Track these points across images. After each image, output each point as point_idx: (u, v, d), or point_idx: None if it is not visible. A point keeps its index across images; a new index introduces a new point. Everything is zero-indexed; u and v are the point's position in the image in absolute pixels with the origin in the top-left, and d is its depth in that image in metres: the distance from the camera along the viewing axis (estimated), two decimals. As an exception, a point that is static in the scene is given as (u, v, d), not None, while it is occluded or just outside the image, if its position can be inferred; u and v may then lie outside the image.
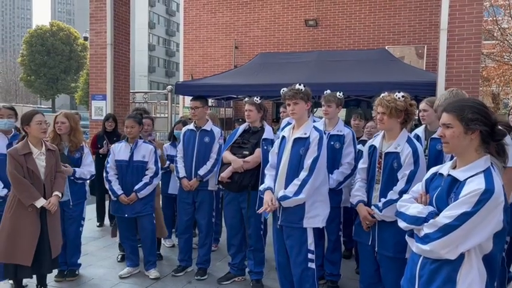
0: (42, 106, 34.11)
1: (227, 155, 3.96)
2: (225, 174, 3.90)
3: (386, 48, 10.45)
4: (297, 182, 3.10)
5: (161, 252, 4.92)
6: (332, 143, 3.88)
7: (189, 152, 4.24)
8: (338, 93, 3.97)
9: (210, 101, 11.05)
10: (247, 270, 4.17)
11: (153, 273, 4.29)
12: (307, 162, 3.11)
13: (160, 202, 4.95)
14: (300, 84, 3.21)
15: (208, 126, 4.27)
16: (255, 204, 3.77)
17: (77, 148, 4.02)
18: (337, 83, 7.42)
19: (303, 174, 3.11)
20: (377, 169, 3.01)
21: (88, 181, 4.26)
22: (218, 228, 5.00)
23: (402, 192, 2.60)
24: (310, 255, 3.21)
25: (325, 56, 9.83)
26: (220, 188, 4.17)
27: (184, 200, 4.29)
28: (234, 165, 3.87)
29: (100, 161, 5.33)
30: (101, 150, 5.70)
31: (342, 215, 4.02)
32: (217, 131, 4.28)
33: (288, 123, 3.65)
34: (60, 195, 3.50)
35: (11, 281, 3.65)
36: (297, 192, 3.09)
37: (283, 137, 3.34)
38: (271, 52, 11.61)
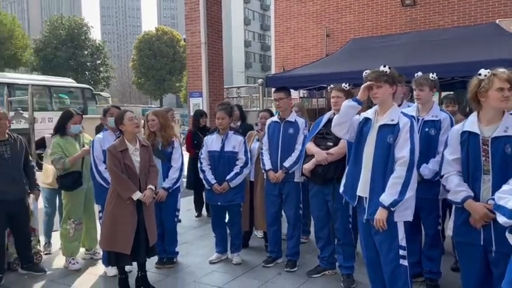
0: (152, 106, 37.05)
1: (310, 147, 3.85)
2: (308, 166, 3.80)
3: (497, 22, 9.32)
4: (397, 181, 2.85)
5: (253, 243, 5.02)
6: (427, 129, 3.56)
7: (274, 144, 4.23)
8: (431, 75, 3.62)
9: (301, 92, 10.98)
10: (337, 264, 4.05)
11: (235, 258, 4.49)
12: (403, 154, 2.86)
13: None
14: (384, 66, 2.98)
15: (292, 117, 4.21)
16: (341, 197, 3.62)
17: (169, 142, 4.26)
18: (438, 64, 6.84)
19: (401, 170, 2.85)
20: (483, 158, 2.64)
21: (182, 174, 4.46)
22: (306, 220, 4.93)
23: None
24: (401, 252, 2.97)
25: (424, 37, 9.13)
26: (305, 179, 4.08)
27: (271, 192, 4.30)
28: (317, 158, 3.75)
29: (197, 156, 5.59)
30: None
31: (441, 207, 3.68)
32: (301, 121, 4.20)
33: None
34: (154, 188, 3.74)
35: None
36: (402, 193, 2.84)
37: (367, 119, 3.10)
38: (365, 37, 11.12)
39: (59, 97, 17.07)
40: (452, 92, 7.57)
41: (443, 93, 7.46)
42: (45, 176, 4.77)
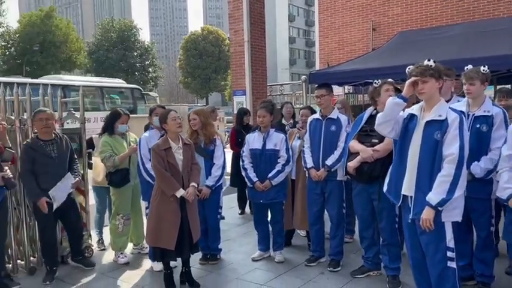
0: (198, 104, 37.82)
1: (354, 145, 3.75)
2: (353, 164, 3.71)
3: None
4: (445, 179, 2.73)
5: (296, 242, 4.99)
6: (478, 125, 3.37)
7: (315, 142, 4.18)
8: (482, 68, 3.42)
9: (347, 88, 10.76)
10: (382, 265, 3.94)
11: (278, 256, 4.49)
12: (451, 151, 2.73)
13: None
14: (429, 60, 2.85)
15: (335, 114, 4.14)
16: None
17: (211, 140, 4.32)
18: (493, 56, 6.46)
19: (450, 168, 2.72)
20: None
21: (224, 172, 4.51)
22: (350, 219, 4.83)
23: None
24: (449, 253, 2.84)
25: (477, 27, 8.65)
26: (349, 178, 4.00)
27: (313, 191, 4.25)
28: (362, 155, 3.65)
29: (239, 153, 5.63)
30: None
31: (493, 207, 3.48)
32: (344, 118, 4.12)
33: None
34: (196, 186, 3.80)
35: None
36: (451, 191, 2.71)
37: (412, 115, 2.99)
38: (413, 30, 10.71)
39: (110, 97, 17.82)
40: (509, 86, 7.13)
41: (499, 87, 7.04)
42: (96, 174, 4.98)
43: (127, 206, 4.61)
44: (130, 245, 4.90)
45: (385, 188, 3.26)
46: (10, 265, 4.25)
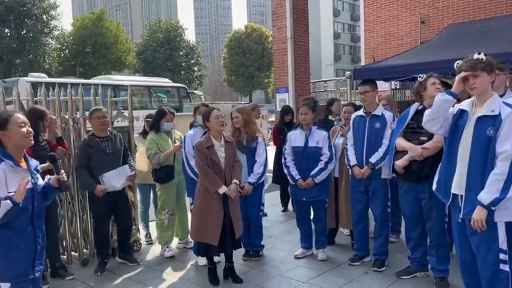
0: (241, 102, 38.13)
1: (401, 142, 3.64)
2: (401, 163, 3.59)
3: None
4: (499, 177, 2.60)
5: (340, 241, 4.94)
6: (535, 121, 3.17)
7: (359, 139, 4.10)
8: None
9: (393, 83, 10.46)
10: (429, 266, 3.81)
11: (320, 254, 4.45)
12: (505, 148, 2.59)
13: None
14: (479, 53, 2.72)
15: (379, 110, 4.04)
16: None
17: (253, 138, 4.35)
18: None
19: (504, 166, 2.59)
20: None
21: (266, 169, 4.52)
22: (395, 218, 4.70)
23: None
24: (502, 256, 2.69)
25: (536, 16, 8.11)
26: (394, 176, 3.89)
27: (356, 189, 4.17)
28: (411, 154, 3.53)
29: (281, 151, 5.64)
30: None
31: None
32: (388, 115, 4.02)
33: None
34: (238, 183, 3.85)
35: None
36: (504, 190, 2.58)
37: (463, 111, 2.86)
38: (464, 22, 10.23)
39: (157, 96, 18.37)
40: None
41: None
42: (138, 170, 5.16)
43: (172, 202, 4.75)
44: (176, 240, 5.04)
45: (434, 187, 3.16)
46: (65, 256, 4.50)
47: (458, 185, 2.86)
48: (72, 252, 4.59)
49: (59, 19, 34.85)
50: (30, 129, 2.48)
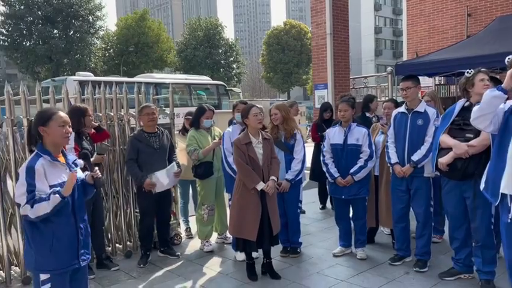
0: (280, 99, 38.07)
1: (446, 139, 3.52)
2: (445, 160, 3.48)
3: None
4: None
5: (380, 240, 4.85)
6: None
7: (400, 136, 4.00)
8: None
9: (437, 79, 10.11)
10: (474, 267, 3.68)
11: (360, 253, 4.39)
12: None
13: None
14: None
15: (422, 107, 3.93)
16: (483, 194, 3.24)
17: (291, 135, 4.34)
18: None
19: None
20: None
21: (304, 166, 4.51)
22: (439, 218, 4.56)
23: None
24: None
25: None
26: (438, 175, 3.77)
27: (397, 188, 4.08)
28: (456, 151, 3.41)
29: (320, 148, 5.60)
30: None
31: None
32: (431, 111, 3.89)
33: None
34: (276, 179, 3.86)
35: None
36: None
37: None
38: (515, 13, 9.72)
39: (197, 94, 18.67)
40: None
41: None
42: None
43: (211, 197, 4.83)
44: (215, 235, 5.13)
45: (481, 186, 3.05)
46: (110, 248, 4.69)
47: (507, 185, 2.76)
48: (117, 244, 4.77)
49: (104, 20, 36.13)
50: (70, 129, 2.57)
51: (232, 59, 45.93)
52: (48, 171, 2.43)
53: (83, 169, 2.73)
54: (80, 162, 2.71)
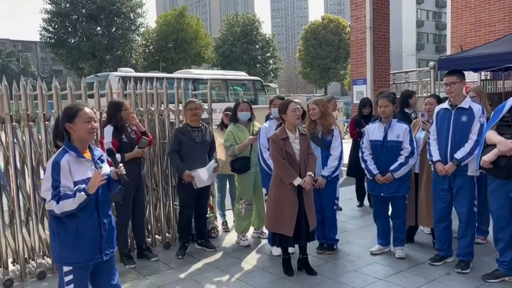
0: (316, 94, 37.67)
1: (491, 136, 3.39)
2: (488, 157, 3.35)
3: None
4: None
5: (420, 239, 4.75)
6: None
7: (443, 133, 3.87)
8: None
9: (483, 74, 9.71)
10: (521, 271, 3.53)
11: (398, 252, 4.32)
12: None
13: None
14: None
15: (466, 103, 3.78)
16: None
17: (329, 131, 4.30)
18: None
19: None
20: None
21: (341, 163, 4.46)
22: (482, 218, 4.39)
23: None
24: None
25: None
26: (482, 173, 3.63)
27: (439, 186, 3.96)
28: (500, 148, 3.28)
29: (358, 144, 5.51)
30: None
31: None
32: (477, 108, 3.74)
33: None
34: (313, 175, 3.85)
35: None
36: None
37: None
38: None
39: (234, 89, 18.82)
40: None
41: None
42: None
43: (249, 192, 4.87)
44: (251, 229, 5.17)
45: None
46: (149, 239, 4.83)
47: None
48: (156, 236, 4.90)
49: (145, 17, 37.00)
50: (96, 125, 2.60)
51: (269, 54, 45.84)
52: (73, 167, 2.46)
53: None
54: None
